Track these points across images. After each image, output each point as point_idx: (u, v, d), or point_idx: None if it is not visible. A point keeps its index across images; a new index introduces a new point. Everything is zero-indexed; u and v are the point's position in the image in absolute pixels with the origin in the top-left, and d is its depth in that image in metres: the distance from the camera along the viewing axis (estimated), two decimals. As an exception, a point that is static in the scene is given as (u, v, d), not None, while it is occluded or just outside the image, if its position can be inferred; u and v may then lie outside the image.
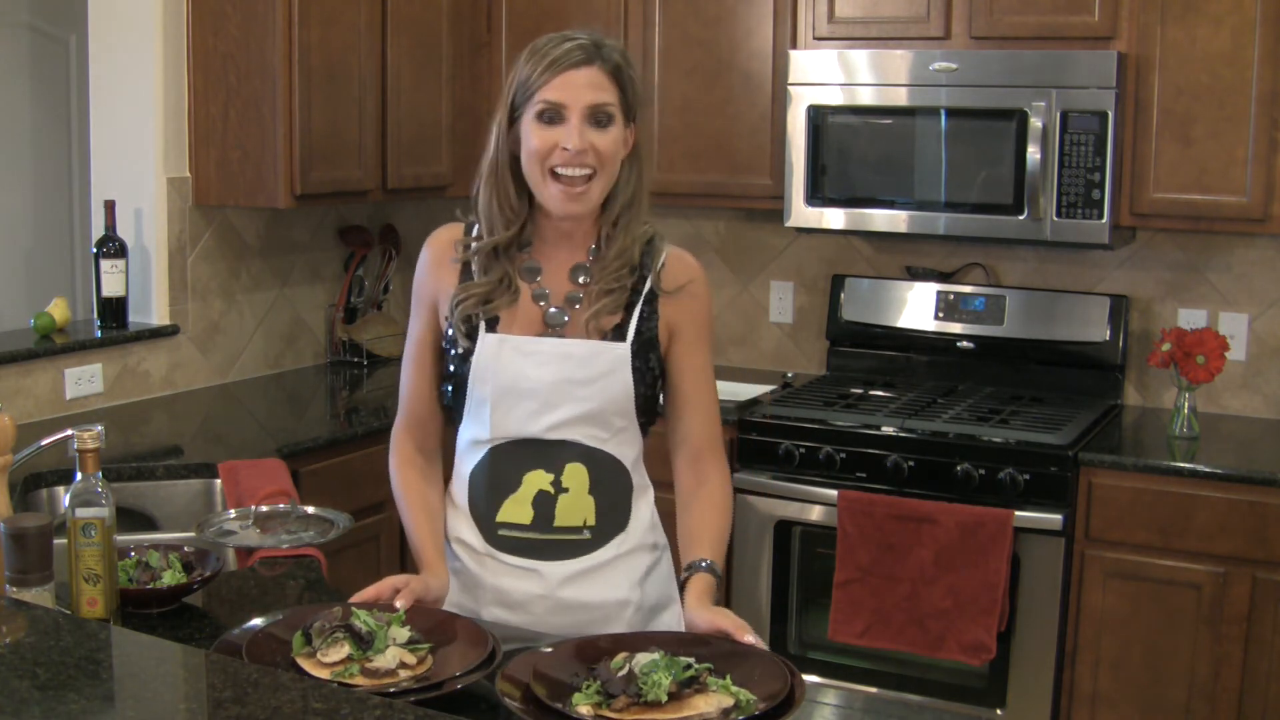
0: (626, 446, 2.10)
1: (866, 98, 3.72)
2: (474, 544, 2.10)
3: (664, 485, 2.19)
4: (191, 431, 3.55)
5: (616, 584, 2.09)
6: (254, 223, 4.03)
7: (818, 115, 3.77)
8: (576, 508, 2.06)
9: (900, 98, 3.67)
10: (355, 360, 4.30)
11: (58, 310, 3.64)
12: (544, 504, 2.06)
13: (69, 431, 2.15)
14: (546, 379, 2.04)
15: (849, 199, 3.78)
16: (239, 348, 4.03)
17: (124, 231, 3.72)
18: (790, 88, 3.79)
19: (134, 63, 3.71)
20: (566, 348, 2.04)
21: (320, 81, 3.71)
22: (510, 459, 2.07)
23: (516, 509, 2.07)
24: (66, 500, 1.94)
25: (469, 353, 2.07)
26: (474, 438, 2.11)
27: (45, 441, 2.52)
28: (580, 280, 2.08)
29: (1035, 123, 3.50)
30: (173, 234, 3.78)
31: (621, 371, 2.05)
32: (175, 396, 3.79)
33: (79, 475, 1.92)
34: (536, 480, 2.06)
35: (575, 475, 2.06)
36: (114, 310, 3.70)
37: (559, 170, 2.00)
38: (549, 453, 2.06)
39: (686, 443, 2.14)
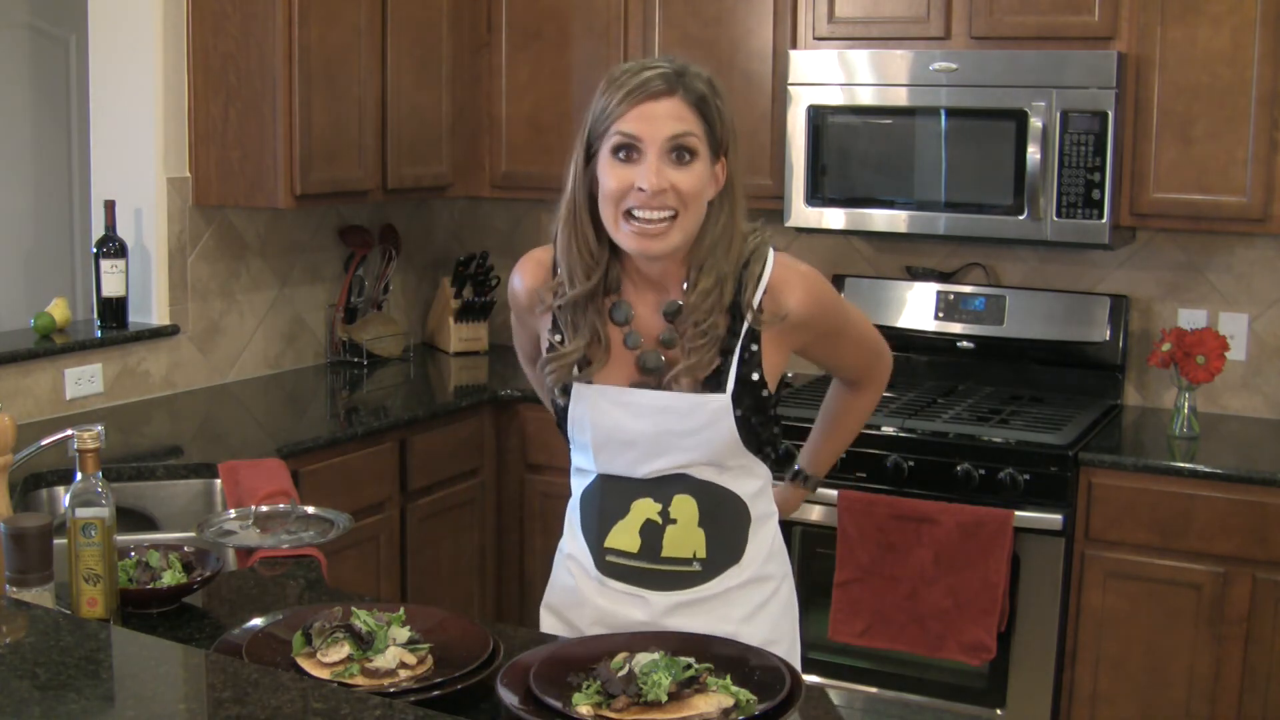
0: (745, 480, 2.02)
1: (866, 98, 3.72)
2: (585, 564, 2.06)
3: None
4: (191, 431, 3.55)
5: (725, 616, 2.01)
6: (254, 223, 4.03)
7: (818, 115, 3.77)
8: (685, 540, 1.98)
9: (900, 98, 3.67)
10: (355, 360, 4.30)
11: (58, 310, 3.64)
12: (651, 533, 1.98)
13: (69, 431, 2.15)
14: (646, 431, 1.95)
15: (849, 199, 3.78)
16: (239, 348, 4.03)
17: (124, 231, 3.72)
18: (790, 88, 3.79)
19: (134, 63, 3.71)
20: (664, 401, 1.94)
21: (320, 81, 3.71)
22: (619, 486, 2.00)
23: (624, 536, 2.00)
24: (66, 500, 1.94)
25: (567, 404, 2.00)
26: (580, 465, 2.06)
27: (45, 441, 2.52)
28: (672, 320, 1.95)
29: (1035, 123, 3.50)
30: (173, 234, 3.78)
31: (724, 421, 1.94)
32: (175, 396, 3.79)
33: (79, 475, 1.92)
34: (645, 509, 1.98)
35: (684, 507, 1.98)
36: (114, 310, 3.70)
37: (636, 212, 1.84)
38: (658, 483, 1.98)
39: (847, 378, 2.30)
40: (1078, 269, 3.94)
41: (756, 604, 2.06)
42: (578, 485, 2.09)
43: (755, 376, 1.97)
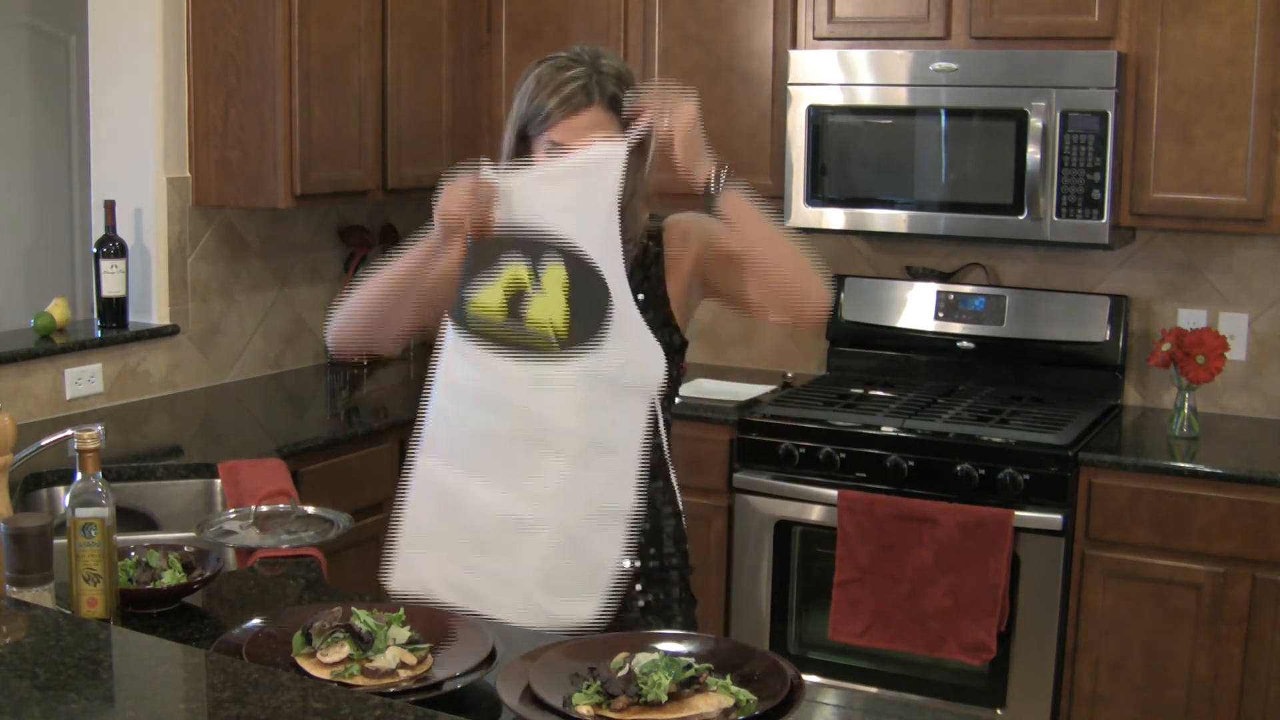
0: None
1: (866, 98, 3.72)
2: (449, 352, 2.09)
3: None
4: (191, 431, 3.56)
5: (572, 405, 2.01)
6: (254, 223, 4.03)
7: (818, 115, 3.77)
8: (549, 308, 2.01)
9: (900, 98, 3.67)
10: (355, 360, 4.29)
11: (58, 310, 3.64)
12: (518, 298, 2.02)
13: (69, 431, 2.15)
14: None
15: (849, 199, 3.78)
16: (239, 348, 4.03)
17: (124, 231, 3.72)
18: (790, 88, 3.79)
19: (134, 63, 3.71)
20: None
21: (320, 81, 3.71)
22: (490, 246, 2.07)
23: (490, 296, 2.04)
24: (66, 500, 1.94)
25: None
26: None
27: (45, 441, 2.52)
28: None
29: (1035, 123, 3.50)
30: (173, 234, 3.78)
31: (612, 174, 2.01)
32: (175, 396, 3.79)
33: (79, 475, 1.92)
34: (515, 272, 2.03)
35: (555, 275, 2.02)
36: (114, 310, 3.70)
37: None
38: (532, 244, 2.04)
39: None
40: (1078, 269, 3.94)
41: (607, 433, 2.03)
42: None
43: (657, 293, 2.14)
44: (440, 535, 2.07)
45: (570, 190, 2.04)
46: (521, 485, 2.02)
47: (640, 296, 2.13)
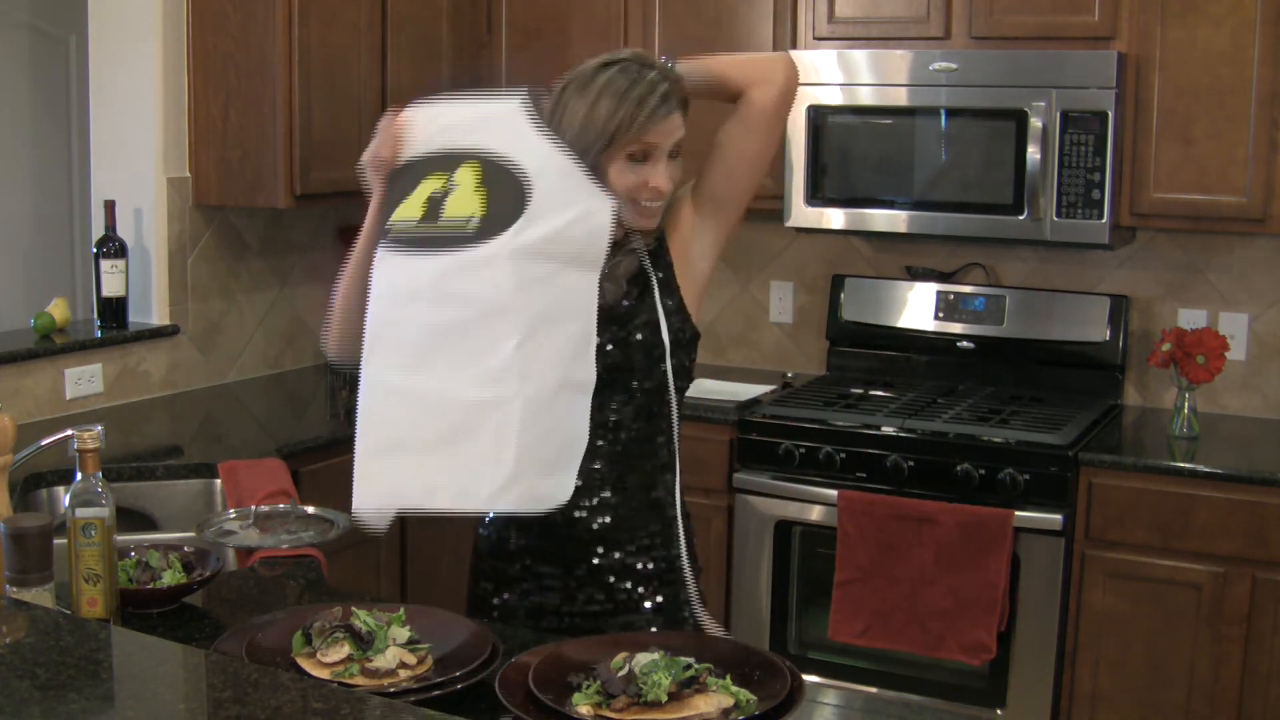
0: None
1: (866, 98, 3.72)
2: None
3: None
4: (191, 431, 3.56)
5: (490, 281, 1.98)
6: (254, 223, 4.03)
7: (818, 115, 3.77)
8: (465, 202, 2.03)
9: (900, 98, 3.67)
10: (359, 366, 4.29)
11: (58, 310, 3.64)
12: (433, 203, 2.05)
13: (69, 431, 2.15)
14: None
15: (849, 199, 3.78)
16: (239, 348, 4.03)
17: (124, 231, 3.72)
18: (790, 88, 3.79)
19: (134, 63, 3.71)
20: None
21: (320, 81, 3.71)
22: (410, 170, 2.14)
23: (408, 209, 2.08)
24: (66, 500, 1.94)
25: None
26: None
27: (45, 441, 2.52)
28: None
29: (1035, 123, 3.50)
30: (173, 234, 3.78)
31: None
32: (175, 396, 3.79)
33: (79, 475, 1.92)
34: (430, 184, 2.08)
35: (466, 174, 2.07)
36: (114, 310, 3.70)
37: (644, 202, 2.10)
38: (446, 159, 2.11)
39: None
40: (1078, 269, 3.94)
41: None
42: None
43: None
44: (404, 439, 1.99)
45: (473, 110, 2.16)
46: (477, 366, 1.95)
47: (660, 275, 2.18)
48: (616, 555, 2.14)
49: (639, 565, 2.15)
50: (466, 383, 1.95)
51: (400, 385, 2.01)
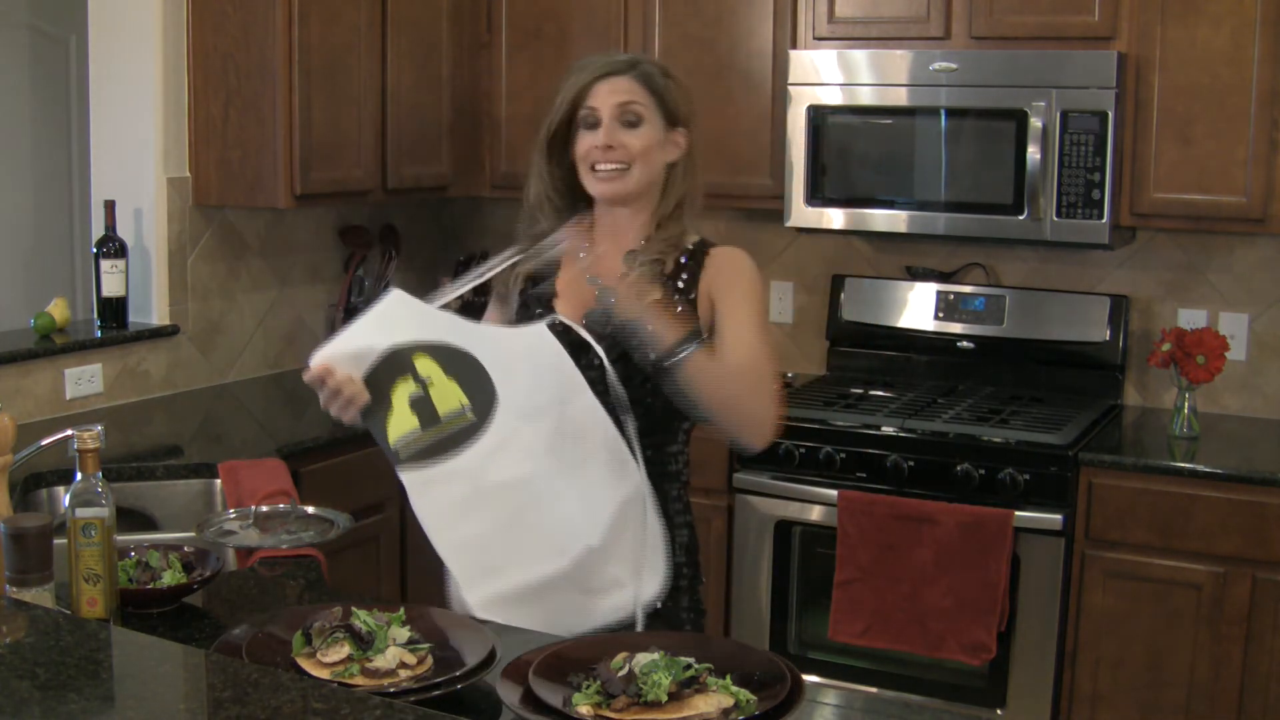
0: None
1: (866, 98, 3.72)
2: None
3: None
4: (191, 431, 3.56)
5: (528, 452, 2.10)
6: (254, 223, 4.03)
7: (818, 115, 3.77)
8: (448, 393, 2.10)
9: (900, 98, 3.67)
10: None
11: (58, 310, 3.64)
12: (420, 404, 2.11)
13: (69, 431, 2.15)
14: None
15: (849, 199, 3.78)
16: (239, 348, 4.03)
17: (124, 231, 3.72)
18: (790, 88, 3.79)
19: (134, 63, 3.71)
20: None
21: (320, 81, 3.71)
22: (378, 378, 2.17)
23: (400, 423, 2.12)
24: (66, 500, 1.94)
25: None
26: None
27: (45, 441, 2.52)
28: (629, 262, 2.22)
29: (1035, 123, 3.50)
30: (173, 234, 3.78)
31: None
32: (175, 396, 3.79)
33: (79, 475, 1.92)
34: (402, 389, 2.11)
35: (425, 365, 2.12)
36: (114, 310, 3.70)
37: (596, 166, 2.21)
38: (394, 358, 2.13)
39: None
40: (1078, 269, 3.94)
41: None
42: None
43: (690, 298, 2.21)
44: (553, 624, 2.08)
45: (370, 320, 2.17)
46: (551, 543, 2.09)
47: (675, 296, 2.21)
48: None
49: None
50: (548, 558, 2.08)
51: (514, 587, 2.11)
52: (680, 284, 2.23)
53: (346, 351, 2.13)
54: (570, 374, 2.09)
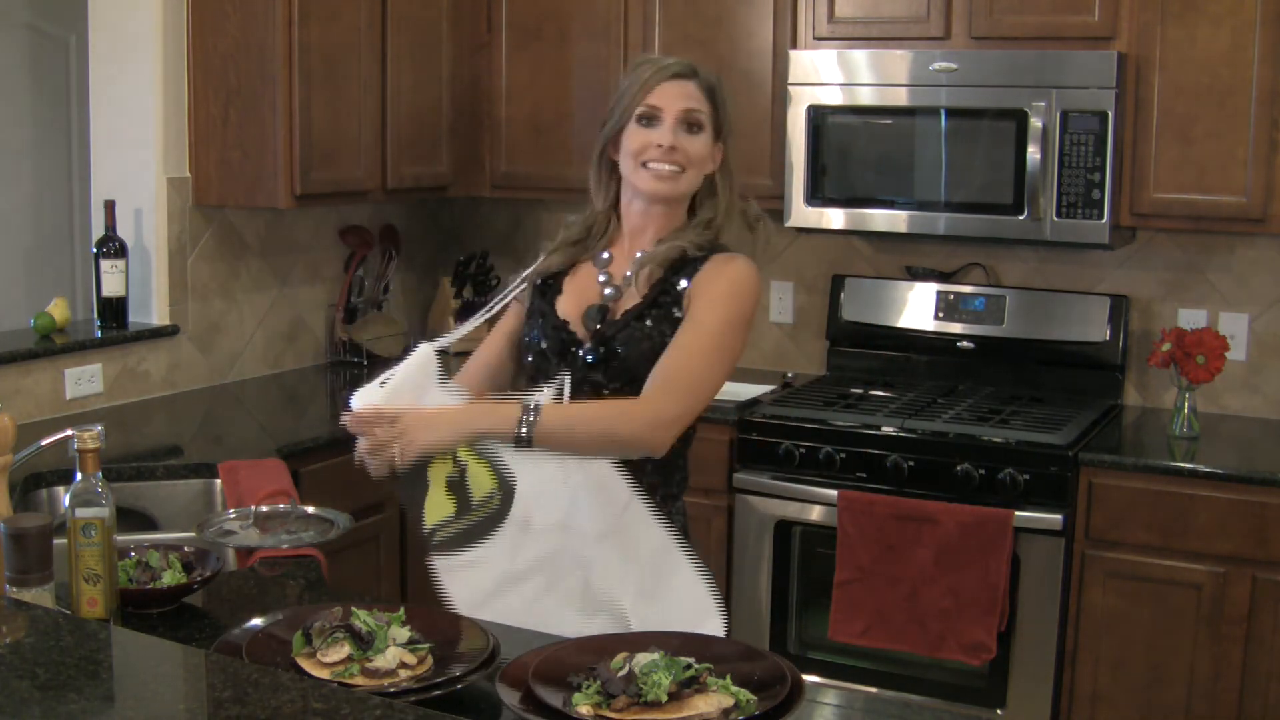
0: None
1: (866, 98, 3.72)
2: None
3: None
4: (191, 431, 3.56)
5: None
6: (254, 223, 4.03)
7: (818, 115, 3.77)
8: (482, 477, 2.10)
9: (900, 98, 3.67)
10: (355, 360, 4.30)
11: (58, 310, 3.64)
12: (457, 487, 2.10)
13: (69, 431, 2.14)
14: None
15: (849, 199, 3.78)
16: (239, 348, 4.03)
17: (124, 231, 3.72)
18: (790, 88, 3.79)
19: (134, 63, 3.71)
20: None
21: (320, 81, 3.71)
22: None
23: (438, 508, 2.11)
24: (66, 500, 1.94)
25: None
26: None
27: (45, 441, 2.52)
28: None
29: (1035, 123, 3.50)
30: (173, 234, 3.78)
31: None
32: (175, 396, 3.79)
33: (79, 475, 1.92)
34: (439, 470, 2.10)
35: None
36: (114, 310, 3.70)
37: (650, 164, 2.21)
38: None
39: (649, 381, 2.15)
40: (1078, 269, 3.94)
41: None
42: None
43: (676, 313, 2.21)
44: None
45: (401, 374, 2.15)
46: (596, 602, 2.12)
47: (664, 289, 2.23)
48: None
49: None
50: (599, 611, 2.12)
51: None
52: (681, 279, 2.24)
53: (386, 405, 2.10)
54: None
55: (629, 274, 2.25)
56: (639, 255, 2.26)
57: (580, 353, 2.23)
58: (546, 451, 2.06)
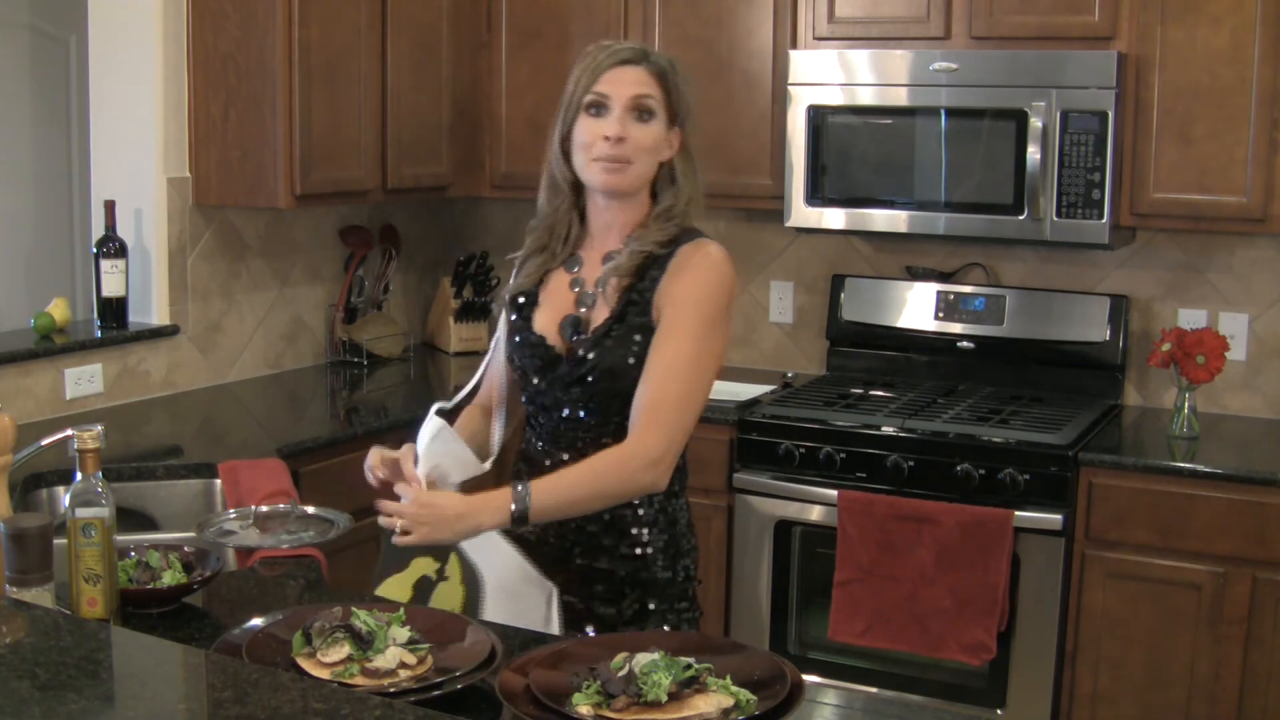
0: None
1: (866, 98, 3.72)
2: None
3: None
4: (191, 431, 3.56)
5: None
6: (254, 223, 4.03)
7: (818, 115, 3.77)
8: (449, 596, 2.14)
9: (900, 98, 3.67)
10: (355, 360, 4.30)
11: (58, 310, 3.64)
12: (423, 587, 2.16)
13: (69, 431, 2.15)
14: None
15: (849, 199, 3.78)
16: (239, 348, 4.03)
17: (124, 231, 3.72)
18: (790, 88, 3.79)
19: (134, 63, 3.71)
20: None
21: (320, 81, 3.71)
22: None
23: (396, 588, 2.18)
24: (66, 500, 1.94)
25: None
26: None
27: (45, 441, 2.52)
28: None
29: (1035, 123, 3.50)
30: (173, 234, 3.78)
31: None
32: (175, 396, 3.79)
33: (79, 475, 1.92)
34: (422, 565, 2.17)
35: (455, 567, 2.14)
36: (114, 310, 3.70)
37: (597, 158, 2.15)
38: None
39: (632, 414, 2.13)
40: (1078, 269, 3.94)
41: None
42: None
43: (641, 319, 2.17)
44: None
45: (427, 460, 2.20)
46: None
47: (634, 297, 2.19)
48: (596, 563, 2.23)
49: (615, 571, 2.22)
50: None
51: None
52: (649, 282, 2.18)
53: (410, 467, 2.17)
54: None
55: (600, 282, 2.21)
56: (605, 265, 2.21)
57: (559, 371, 2.21)
58: (550, 516, 2.11)
